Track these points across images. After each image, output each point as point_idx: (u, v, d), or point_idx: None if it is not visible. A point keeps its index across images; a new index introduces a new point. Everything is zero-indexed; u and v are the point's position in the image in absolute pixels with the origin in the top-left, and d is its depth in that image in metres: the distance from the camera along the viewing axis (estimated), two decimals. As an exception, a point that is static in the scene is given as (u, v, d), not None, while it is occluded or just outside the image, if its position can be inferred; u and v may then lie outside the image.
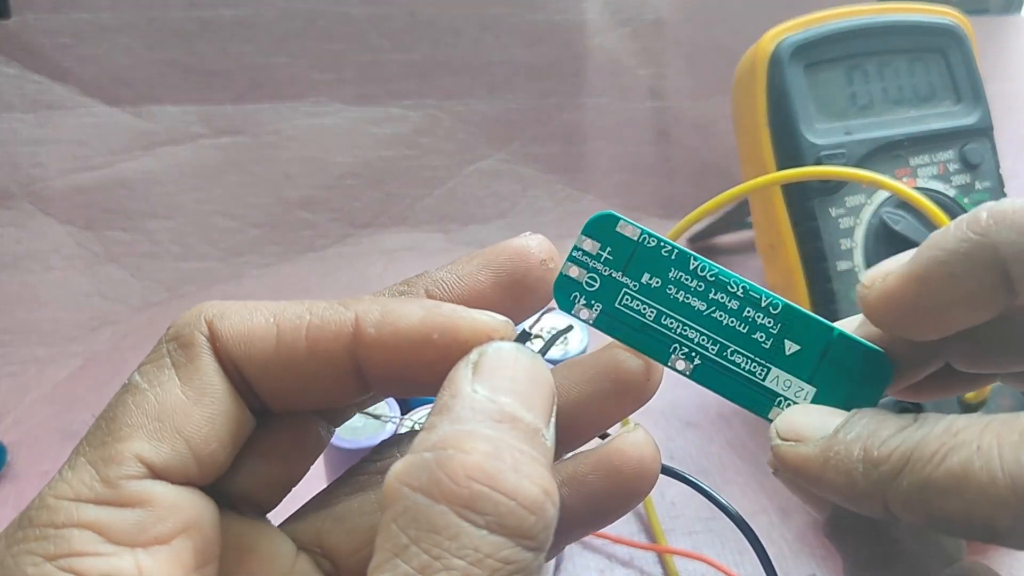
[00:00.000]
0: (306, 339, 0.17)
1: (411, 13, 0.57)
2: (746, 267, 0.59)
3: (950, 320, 0.17)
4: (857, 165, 0.40)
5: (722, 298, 0.19)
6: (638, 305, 0.19)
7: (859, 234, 0.40)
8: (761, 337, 0.19)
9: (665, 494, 0.43)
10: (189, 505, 0.16)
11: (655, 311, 0.19)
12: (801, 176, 0.36)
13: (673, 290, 0.19)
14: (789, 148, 0.41)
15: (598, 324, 0.19)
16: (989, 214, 0.17)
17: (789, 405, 0.19)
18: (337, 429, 0.21)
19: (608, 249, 0.19)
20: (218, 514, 0.17)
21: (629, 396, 0.19)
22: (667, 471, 0.26)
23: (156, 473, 0.16)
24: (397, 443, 0.20)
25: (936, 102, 0.43)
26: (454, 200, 0.60)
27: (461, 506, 0.13)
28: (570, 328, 0.28)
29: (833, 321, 0.19)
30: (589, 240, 0.19)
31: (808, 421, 0.18)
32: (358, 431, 0.33)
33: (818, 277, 0.40)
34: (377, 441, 0.33)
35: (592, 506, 0.18)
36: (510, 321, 0.18)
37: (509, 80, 0.60)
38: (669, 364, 0.19)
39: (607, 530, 0.42)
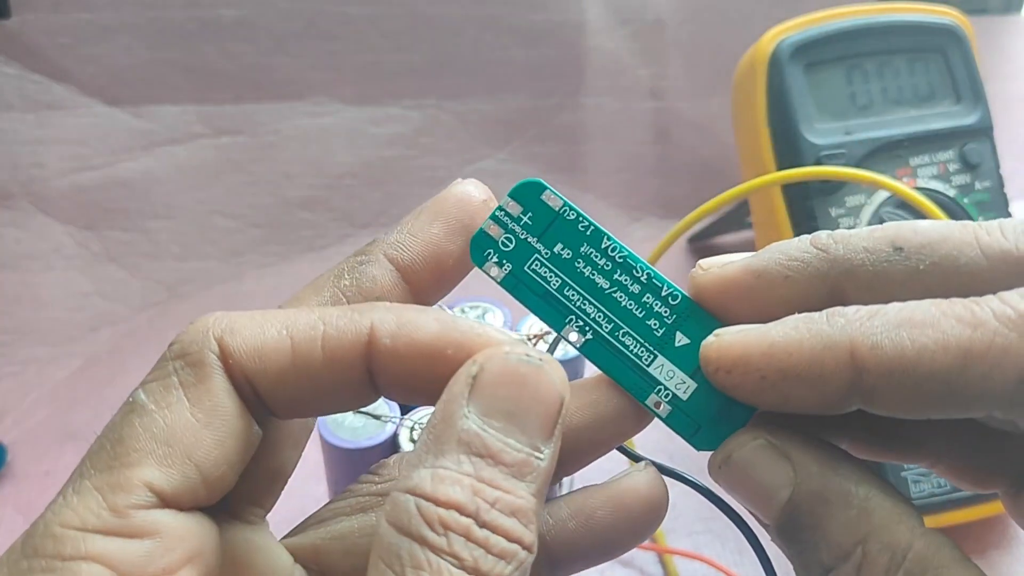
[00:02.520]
0: (322, 350, 0.17)
1: (411, 13, 0.57)
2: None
3: (773, 314, 0.18)
4: (857, 165, 0.40)
5: (626, 280, 0.19)
6: (545, 272, 0.19)
7: (859, 234, 0.40)
8: (655, 324, 0.19)
9: (665, 494, 0.43)
10: (196, 532, 0.16)
11: (560, 281, 0.19)
12: (801, 176, 0.36)
13: (581, 264, 0.19)
14: (789, 148, 0.41)
15: (504, 283, 0.20)
16: (830, 235, 0.18)
17: (668, 396, 0.19)
18: (336, 430, 0.21)
19: (529, 215, 0.20)
20: (219, 534, 0.17)
21: (629, 421, 0.19)
22: (667, 471, 0.26)
23: (165, 501, 0.16)
24: (398, 462, 0.20)
25: (936, 102, 0.43)
26: (454, 200, 0.60)
27: (440, 550, 0.14)
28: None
29: None
30: (514, 203, 0.20)
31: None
32: (358, 431, 0.33)
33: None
34: (377, 442, 0.33)
35: (599, 540, 0.19)
36: (524, 337, 0.18)
37: (509, 80, 0.60)
38: (563, 334, 0.19)
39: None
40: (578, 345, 0.19)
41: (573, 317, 0.19)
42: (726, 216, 0.55)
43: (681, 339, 0.19)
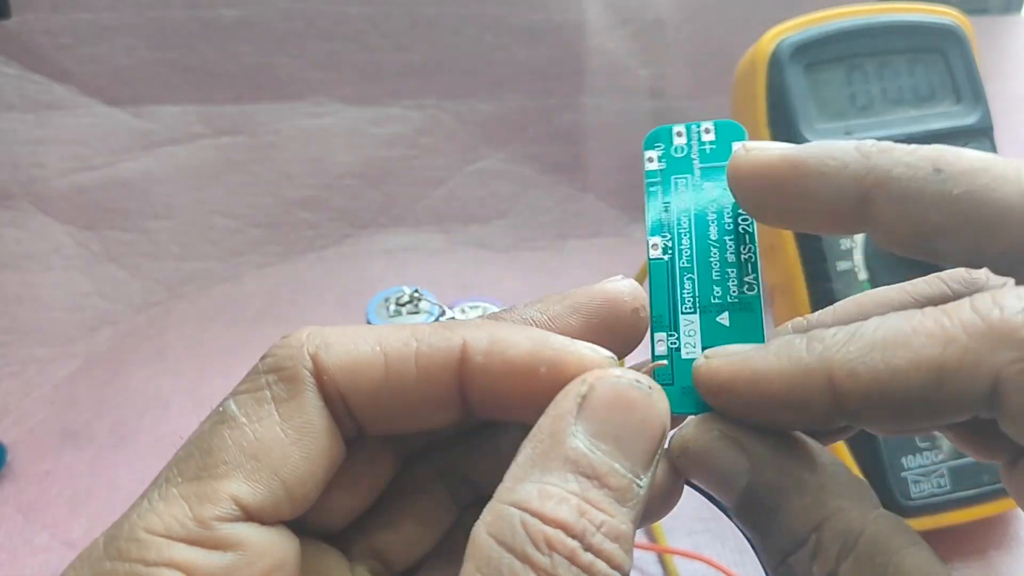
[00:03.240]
0: (415, 366, 0.17)
1: (411, 13, 0.57)
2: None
3: (802, 209, 0.18)
4: (857, 165, 0.40)
5: (730, 246, 0.20)
6: (683, 192, 0.21)
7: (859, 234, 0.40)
8: (718, 292, 0.20)
9: (665, 494, 0.43)
10: (277, 546, 0.16)
11: (685, 206, 0.21)
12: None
13: (711, 209, 0.21)
14: (789, 148, 0.41)
15: (649, 174, 0.21)
16: (875, 144, 0.18)
17: (675, 345, 0.20)
18: None
19: (712, 147, 0.21)
20: (299, 548, 0.17)
21: (620, 330, 0.19)
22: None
23: (250, 515, 0.16)
24: (447, 446, 0.20)
25: (936, 102, 0.43)
26: (454, 200, 0.60)
27: (543, 570, 0.14)
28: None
29: None
30: (710, 131, 0.22)
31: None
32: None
33: (818, 277, 0.40)
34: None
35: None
36: (615, 357, 0.18)
37: (509, 80, 0.60)
38: (650, 240, 0.21)
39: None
40: (651, 257, 0.20)
41: (669, 236, 0.20)
42: (726, 216, 0.55)
43: (724, 318, 0.20)
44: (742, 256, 0.20)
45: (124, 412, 0.47)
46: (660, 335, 0.20)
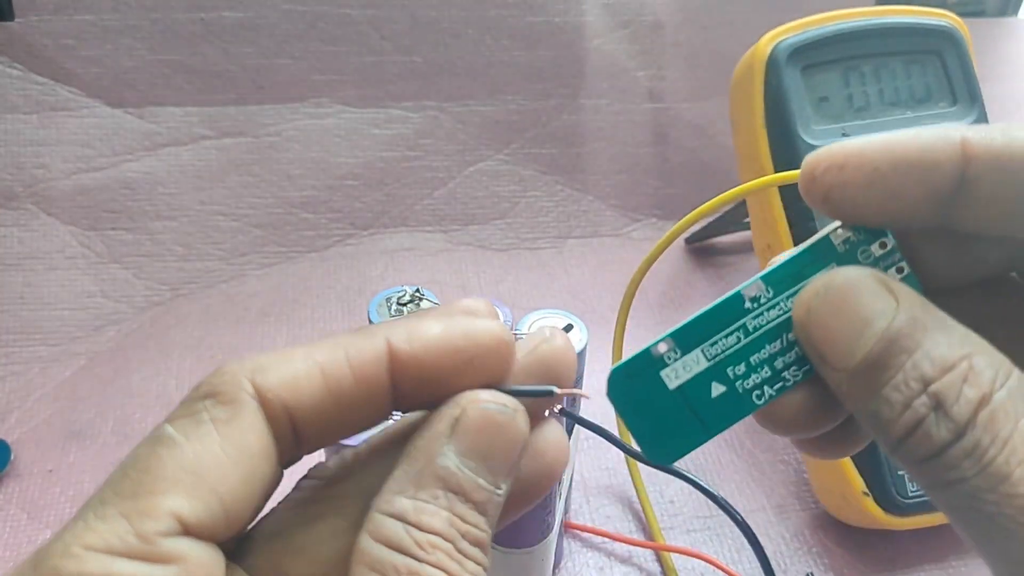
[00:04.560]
0: (351, 370, 0.18)
1: (412, 15, 0.57)
2: (744, 268, 0.59)
3: (904, 188, 0.18)
4: (854, 166, 0.40)
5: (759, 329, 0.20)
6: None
7: (855, 235, 0.40)
8: (734, 340, 0.20)
9: (663, 492, 0.43)
10: (212, 562, 0.16)
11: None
12: (798, 178, 0.37)
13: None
14: (786, 149, 0.41)
15: (823, 241, 0.20)
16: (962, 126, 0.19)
17: (672, 362, 0.20)
18: None
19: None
20: (226, 567, 0.17)
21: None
22: (666, 469, 0.26)
23: (188, 530, 0.16)
24: (341, 463, 0.20)
25: (932, 104, 0.43)
26: (454, 201, 0.60)
27: (429, 562, 0.16)
28: (570, 327, 0.29)
29: None
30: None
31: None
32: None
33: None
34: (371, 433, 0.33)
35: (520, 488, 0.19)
36: (507, 330, 0.18)
37: (509, 82, 0.60)
38: (754, 282, 0.20)
39: (606, 528, 0.42)
40: (740, 290, 0.20)
41: (771, 295, 0.20)
42: (724, 217, 0.56)
43: (716, 388, 0.19)
44: (785, 373, 0.19)
45: (127, 411, 0.47)
46: (670, 342, 0.19)
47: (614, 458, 0.45)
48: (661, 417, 0.19)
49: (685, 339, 0.19)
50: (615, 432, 0.40)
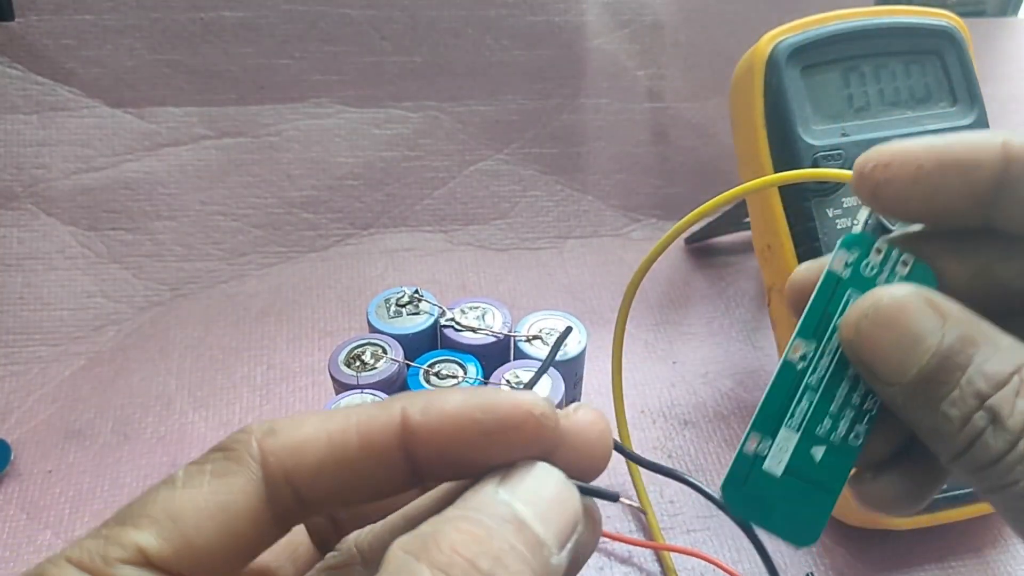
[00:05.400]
0: (357, 434, 0.18)
1: (412, 16, 0.57)
2: (744, 268, 0.59)
3: (942, 190, 0.19)
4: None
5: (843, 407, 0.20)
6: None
7: (855, 235, 0.40)
8: (827, 425, 0.20)
9: (663, 492, 0.43)
10: None
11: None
12: (798, 178, 0.37)
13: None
14: (786, 149, 0.41)
15: (829, 275, 0.21)
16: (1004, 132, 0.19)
17: (763, 449, 0.20)
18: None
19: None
20: None
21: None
22: (665, 470, 0.26)
23: (151, 563, 0.17)
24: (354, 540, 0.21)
25: (932, 104, 0.43)
26: (455, 201, 0.60)
27: (439, 569, 0.15)
28: (569, 330, 0.29)
29: None
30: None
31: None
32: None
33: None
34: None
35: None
36: (549, 398, 0.18)
37: (509, 81, 0.60)
38: (793, 345, 0.20)
39: (605, 528, 0.42)
40: (788, 358, 0.20)
41: (815, 347, 0.20)
42: (724, 217, 0.56)
43: (817, 451, 0.20)
44: (865, 405, 0.20)
45: (127, 411, 0.47)
46: (756, 435, 0.20)
47: (613, 458, 0.45)
48: (786, 503, 0.20)
49: (766, 425, 0.20)
50: (615, 436, 0.40)
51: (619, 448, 0.37)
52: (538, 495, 0.17)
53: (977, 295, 0.20)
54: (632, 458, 0.42)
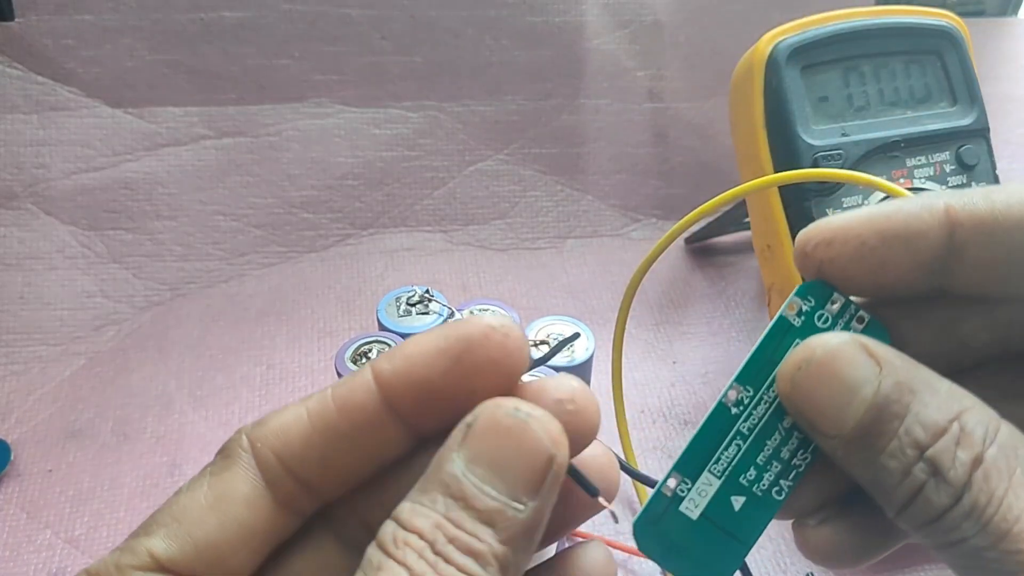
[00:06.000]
0: (334, 403, 0.18)
1: (412, 16, 0.57)
2: (744, 268, 0.59)
3: (892, 263, 0.19)
4: (854, 166, 0.40)
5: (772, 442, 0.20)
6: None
7: (855, 235, 0.40)
8: (752, 473, 0.20)
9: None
10: None
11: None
12: (798, 177, 0.37)
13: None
14: (786, 149, 0.41)
15: (780, 321, 0.20)
16: (944, 192, 0.19)
17: (682, 490, 0.20)
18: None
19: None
20: None
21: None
22: (653, 483, 0.26)
23: (163, 567, 0.17)
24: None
25: (932, 103, 0.43)
26: (454, 201, 0.60)
27: (395, 558, 0.16)
28: (577, 336, 0.28)
29: None
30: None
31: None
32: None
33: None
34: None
35: None
36: (509, 316, 0.18)
37: (509, 82, 0.60)
38: (730, 387, 0.20)
39: (601, 533, 0.42)
40: (722, 400, 0.20)
41: (751, 393, 0.20)
42: (724, 217, 0.56)
43: (737, 501, 0.19)
44: (793, 460, 0.19)
45: (127, 411, 0.47)
46: (677, 475, 0.19)
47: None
48: (697, 548, 0.19)
49: (689, 467, 0.20)
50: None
51: (624, 467, 0.37)
52: (495, 443, 0.16)
53: (941, 354, 0.19)
54: (630, 472, 0.42)
